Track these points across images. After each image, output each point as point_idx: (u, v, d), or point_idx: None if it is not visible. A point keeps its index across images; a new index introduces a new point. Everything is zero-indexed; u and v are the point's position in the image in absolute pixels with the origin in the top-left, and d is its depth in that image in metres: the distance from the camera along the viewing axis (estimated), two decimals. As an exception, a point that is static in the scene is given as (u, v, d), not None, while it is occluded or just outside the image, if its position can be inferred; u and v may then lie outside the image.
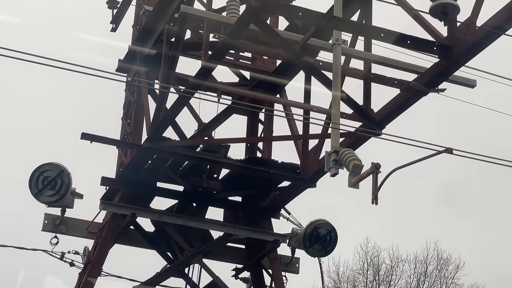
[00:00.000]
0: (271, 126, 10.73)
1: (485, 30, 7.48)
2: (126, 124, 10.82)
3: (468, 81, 8.66)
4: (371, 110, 8.89)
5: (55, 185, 9.53)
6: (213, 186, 10.39)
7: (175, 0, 9.38)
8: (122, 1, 11.80)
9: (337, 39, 8.16)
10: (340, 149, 7.51)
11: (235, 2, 8.78)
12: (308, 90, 9.64)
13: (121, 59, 10.85)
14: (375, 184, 7.01)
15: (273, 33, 8.12)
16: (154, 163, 10.03)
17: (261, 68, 10.68)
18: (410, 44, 8.05)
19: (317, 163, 9.61)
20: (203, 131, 10.14)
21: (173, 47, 9.19)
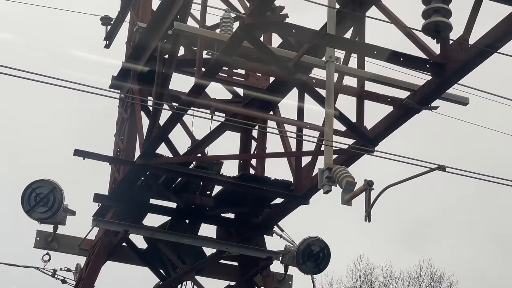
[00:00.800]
0: (264, 143, 10.73)
1: (477, 48, 7.51)
2: (119, 140, 10.80)
3: (460, 99, 8.68)
4: (364, 127, 8.90)
5: (48, 202, 9.49)
6: (206, 203, 10.37)
7: (169, 17, 9.41)
8: (115, 17, 11.82)
9: (330, 56, 8.18)
10: (333, 166, 7.51)
11: (228, 19, 8.81)
12: (301, 107, 9.65)
13: (114, 76, 10.85)
14: (368, 201, 7.01)
15: (267, 50, 8.14)
16: (147, 179, 10.01)
17: (255, 85, 10.70)
18: (403, 61, 8.08)
19: (310, 180, 9.60)
20: (196, 148, 10.13)
21: (167, 64, 9.20)
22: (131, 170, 9.78)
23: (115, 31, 11.93)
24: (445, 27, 6.82)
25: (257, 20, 7.55)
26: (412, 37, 8.35)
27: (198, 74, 8.49)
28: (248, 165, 10.82)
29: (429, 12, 6.81)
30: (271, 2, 7.55)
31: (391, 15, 8.77)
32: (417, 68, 8.13)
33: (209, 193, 10.42)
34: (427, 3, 6.83)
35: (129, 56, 10.53)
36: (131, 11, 11.38)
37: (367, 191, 7.03)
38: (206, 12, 8.93)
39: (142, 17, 10.72)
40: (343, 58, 8.90)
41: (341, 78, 8.95)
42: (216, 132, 9.88)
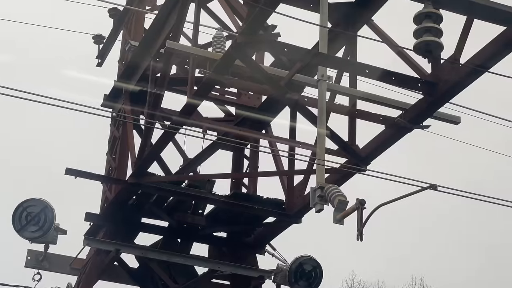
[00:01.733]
0: (256, 162, 10.73)
1: (468, 67, 7.55)
2: (111, 159, 10.78)
3: (452, 118, 8.70)
4: (356, 146, 8.90)
5: (39, 221, 9.46)
6: (198, 221, 10.35)
7: (161, 35, 9.43)
8: (108, 36, 11.84)
9: (322, 75, 8.18)
10: (325, 185, 7.49)
11: (221, 38, 8.82)
12: (294, 126, 9.66)
13: (106, 94, 10.85)
14: (360, 220, 7.00)
15: (259, 69, 8.15)
16: (139, 198, 9.98)
17: (247, 103, 10.71)
18: (394, 80, 8.10)
19: (302, 199, 9.60)
20: (188, 166, 10.12)
21: (159, 83, 9.21)
22: (123, 189, 9.75)
23: (108, 49, 11.95)
24: (436, 47, 6.84)
25: (249, 38, 7.56)
26: (404, 56, 8.38)
27: (190, 93, 8.49)
28: (240, 184, 10.81)
29: (420, 31, 6.84)
30: (263, 21, 7.57)
31: (383, 34, 8.81)
32: (409, 87, 8.16)
33: (201, 212, 10.40)
34: (418, 23, 6.86)
35: (121, 75, 10.54)
36: (124, 29, 11.40)
37: (359, 210, 7.02)
38: (199, 31, 8.95)
39: (135, 36, 10.74)
40: (335, 76, 8.93)
41: (333, 96, 8.97)
42: (208, 150, 9.88)
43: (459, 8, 7.06)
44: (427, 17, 6.82)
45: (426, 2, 6.83)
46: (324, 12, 8.07)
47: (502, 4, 6.98)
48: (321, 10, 8.09)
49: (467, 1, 6.95)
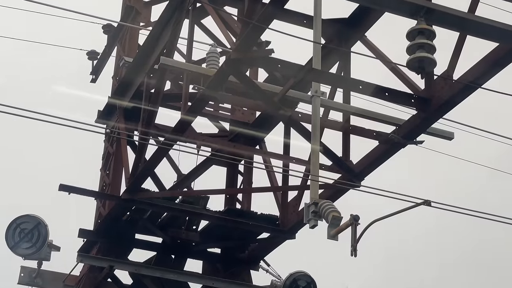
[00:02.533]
0: (250, 178, 10.72)
1: (461, 83, 7.58)
2: (105, 175, 10.77)
3: (445, 133, 8.73)
4: (350, 162, 8.92)
5: (32, 238, 9.42)
6: (192, 237, 10.32)
7: (155, 51, 9.44)
8: (102, 52, 11.85)
9: (316, 91, 8.21)
10: (319, 200, 7.50)
11: (215, 54, 8.84)
12: (287, 142, 9.67)
13: (100, 110, 10.85)
14: (354, 236, 6.99)
15: (252, 85, 8.17)
16: (133, 214, 9.96)
17: (241, 119, 10.71)
18: (388, 96, 8.12)
19: (297, 214, 9.59)
20: (182, 182, 10.11)
21: (152, 99, 9.21)
22: (117, 205, 9.73)
23: (102, 65, 11.95)
24: (430, 63, 6.86)
25: (243, 55, 7.58)
26: (397, 72, 8.42)
27: (184, 110, 8.50)
28: (234, 200, 10.80)
29: (413, 47, 6.86)
30: (257, 37, 7.60)
31: (376, 50, 8.85)
32: (402, 103, 8.18)
33: (195, 228, 10.37)
34: (412, 39, 6.88)
35: (114, 91, 10.54)
36: (118, 45, 11.42)
37: (353, 226, 7.02)
38: (193, 47, 8.97)
39: (129, 52, 10.76)
40: (329, 92, 8.95)
41: (327, 112, 8.99)
42: (202, 166, 9.87)
43: (451, 25, 7.09)
44: (420, 33, 6.84)
45: (419, 19, 6.86)
46: (317, 28, 8.10)
47: (494, 21, 7.01)
48: (315, 27, 8.13)
49: (459, 17, 6.99)
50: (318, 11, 8.18)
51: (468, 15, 7.15)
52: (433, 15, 6.91)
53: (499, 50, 7.37)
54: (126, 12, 10.99)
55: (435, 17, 6.94)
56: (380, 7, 7.50)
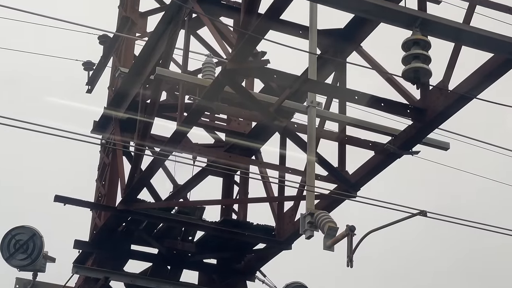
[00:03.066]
0: (246, 188, 10.70)
1: (457, 94, 7.59)
2: (100, 186, 10.75)
3: (441, 144, 8.73)
4: (346, 172, 8.91)
5: (27, 249, 9.40)
6: (188, 248, 10.30)
7: (151, 62, 9.45)
8: (98, 63, 11.85)
9: (312, 101, 8.22)
10: (315, 211, 7.49)
11: (210, 64, 8.84)
12: (283, 152, 9.67)
13: (96, 121, 10.84)
14: (350, 246, 6.98)
15: (248, 95, 8.17)
16: (129, 225, 9.93)
17: (237, 129, 10.71)
18: (383, 106, 8.13)
19: (293, 225, 9.57)
20: (178, 193, 10.09)
21: (148, 110, 9.21)
22: (112, 216, 9.71)
23: (98, 76, 11.96)
24: (425, 73, 6.87)
25: (239, 65, 7.59)
26: (393, 83, 8.43)
27: (179, 120, 8.49)
28: (231, 210, 10.78)
29: (408, 58, 6.87)
30: (252, 47, 7.60)
31: (372, 60, 8.87)
32: (398, 114, 8.19)
33: (191, 238, 10.35)
34: (407, 49, 6.89)
35: (110, 102, 10.54)
36: (114, 56, 11.42)
37: (349, 237, 7.01)
38: (188, 57, 8.97)
39: (125, 62, 10.76)
40: (325, 103, 8.95)
41: (322, 123, 8.99)
42: (198, 177, 9.85)
43: (446, 35, 7.10)
44: (415, 44, 6.86)
45: (414, 29, 6.88)
46: (313, 38, 8.11)
47: (489, 31, 7.03)
48: (310, 37, 8.14)
49: (454, 28, 7.00)
50: (313, 21, 8.19)
51: (463, 25, 7.16)
52: (428, 25, 6.93)
53: (494, 61, 7.39)
54: (122, 23, 11.00)
55: (430, 27, 6.95)
56: (375, 17, 7.51)
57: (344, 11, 7.08)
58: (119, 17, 11.52)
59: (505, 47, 7.08)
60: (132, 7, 11.07)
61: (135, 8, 11.10)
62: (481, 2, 7.46)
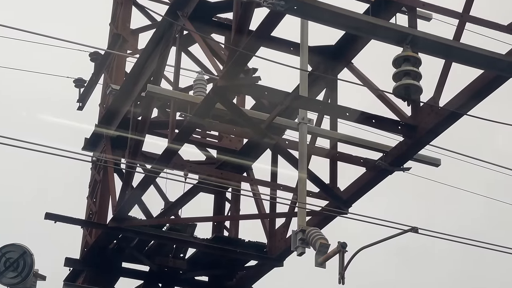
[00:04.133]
0: (238, 205, 10.69)
1: (447, 110, 7.61)
2: (91, 203, 10.71)
3: (432, 160, 8.75)
4: (337, 189, 8.91)
5: (18, 267, 9.33)
6: (179, 265, 10.25)
7: (142, 79, 9.45)
8: (89, 80, 11.84)
9: (303, 118, 8.23)
10: (306, 228, 7.49)
11: (202, 81, 8.85)
12: (275, 169, 9.66)
13: (87, 138, 10.82)
14: (341, 263, 6.98)
15: (239, 112, 8.17)
16: (120, 243, 9.89)
17: (228, 146, 10.70)
18: (375, 123, 8.15)
19: (284, 242, 9.55)
20: (170, 210, 10.06)
21: (139, 128, 9.20)
22: (103, 233, 9.67)
23: (89, 93, 11.94)
24: (415, 90, 6.90)
25: (230, 82, 7.60)
26: (384, 99, 8.45)
27: (171, 138, 8.48)
28: (222, 227, 10.76)
29: (399, 74, 6.89)
30: (243, 64, 7.61)
31: (363, 77, 8.90)
32: (389, 130, 8.21)
33: (183, 255, 10.31)
34: (398, 66, 6.92)
35: (101, 119, 10.52)
36: (105, 73, 11.42)
37: (340, 253, 7.01)
38: (180, 74, 8.98)
39: (116, 80, 10.76)
40: (316, 119, 8.96)
41: (314, 139, 9.00)
42: (190, 194, 9.84)
43: (437, 52, 7.13)
44: (406, 60, 6.89)
45: (405, 46, 6.91)
46: (304, 55, 8.14)
47: (479, 48, 7.07)
48: (301, 54, 8.17)
49: (444, 45, 7.03)
50: (304, 38, 8.23)
51: (453, 42, 7.20)
52: (419, 42, 6.96)
53: (484, 77, 7.42)
54: (113, 40, 11.01)
55: (421, 44, 6.98)
56: (366, 34, 7.55)
57: (335, 28, 7.11)
58: (110, 34, 11.53)
59: (495, 64, 7.11)
60: (123, 24, 11.09)
61: (127, 25, 11.12)
62: (471, 19, 7.51)
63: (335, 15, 6.73)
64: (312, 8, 6.66)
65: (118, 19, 11.25)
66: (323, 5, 6.68)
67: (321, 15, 6.73)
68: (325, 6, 6.69)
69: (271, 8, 6.52)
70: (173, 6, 8.97)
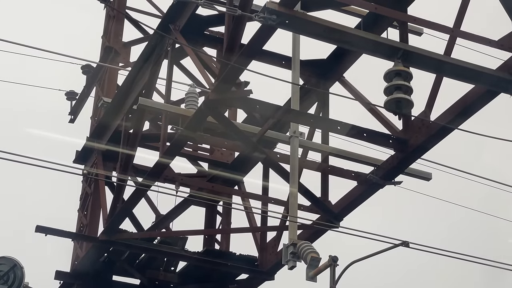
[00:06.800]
0: (229, 218, 10.67)
1: (439, 124, 7.63)
2: (82, 216, 10.68)
3: (423, 174, 8.77)
4: (328, 202, 8.91)
5: (8, 280, 9.29)
6: (170, 279, 10.23)
7: (134, 92, 9.45)
8: (80, 92, 11.84)
9: (295, 132, 8.24)
10: (297, 241, 7.49)
11: (193, 94, 8.86)
12: (266, 182, 9.66)
13: (79, 151, 10.81)
14: (332, 277, 6.98)
15: (231, 126, 8.18)
16: (110, 256, 9.86)
17: (220, 159, 10.70)
18: (366, 137, 8.17)
19: (275, 255, 9.54)
20: (161, 223, 10.04)
21: (131, 141, 9.19)
22: (94, 246, 9.64)
23: (80, 106, 11.93)
24: (407, 104, 6.93)
25: (222, 95, 7.60)
26: (375, 113, 8.47)
27: (162, 151, 8.48)
28: (213, 240, 10.74)
29: (390, 89, 6.92)
30: (235, 78, 7.63)
31: (354, 91, 8.92)
32: (380, 144, 8.23)
33: (173, 269, 10.29)
34: (389, 80, 6.95)
35: (92, 133, 10.51)
36: (96, 86, 11.42)
37: (331, 267, 7.01)
38: (171, 87, 8.99)
39: (107, 92, 10.75)
40: (307, 133, 8.97)
41: (305, 153, 9.01)
42: (181, 207, 9.83)
43: (428, 67, 7.17)
44: (397, 75, 6.92)
45: (396, 60, 6.94)
46: (296, 69, 8.16)
47: (470, 63, 7.10)
48: (293, 68, 8.19)
49: (435, 59, 7.07)
50: (296, 52, 8.25)
51: (444, 57, 7.23)
52: (410, 57, 7.00)
53: (474, 92, 7.45)
54: (105, 53, 11.02)
55: (412, 59, 7.02)
56: (357, 49, 7.58)
57: (327, 42, 7.13)
58: (102, 47, 11.53)
59: (486, 79, 7.15)
60: (115, 37, 11.10)
61: (119, 38, 11.13)
62: (462, 34, 7.54)
63: (326, 29, 6.76)
64: (304, 23, 6.69)
65: (110, 32, 11.26)
66: (314, 19, 6.71)
67: (312, 29, 6.76)
68: (317, 20, 6.71)
69: (262, 22, 6.55)
70: (165, 20, 8.99)
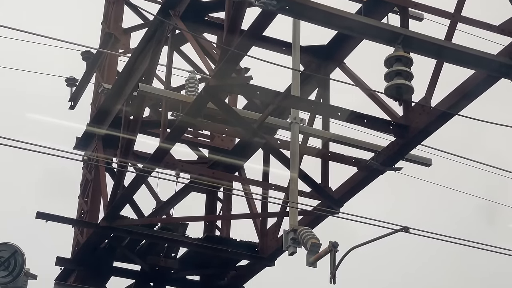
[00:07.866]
0: (229, 204, 10.68)
1: (439, 110, 7.63)
2: (83, 202, 10.69)
3: (424, 160, 8.76)
4: (329, 188, 8.92)
5: (8, 266, 9.30)
6: (170, 265, 10.25)
7: (134, 78, 9.44)
8: (81, 79, 11.82)
9: (295, 118, 8.24)
10: (298, 227, 7.50)
11: (194, 80, 8.84)
12: (267, 168, 9.67)
13: (79, 137, 10.80)
14: (333, 263, 6.99)
15: (231, 112, 8.17)
16: (111, 242, 9.88)
17: (220, 145, 10.69)
18: (366, 123, 8.16)
19: (276, 241, 9.56)
20: (161, 209, 10.06)
21: (131, 127, 9.19)
22: (95, 232, 9.65)
23: (80, 92, 11.91)
24: (407, 90, 6.91)
25: (222, 82, 7.59)
26: (376, 99, 8.46)
27: (162, 137, 8.48)
28: (214, 227, 10.75)
29: (391, 74, 6.91)
30: (235, 64, 7.61)
31: (355, 77, 8.91)
32: (381, 130, 8.22)
33: (174, 255, 10.30)
34: (389, 66, 6.94)
35: (93, 119, 10.50)
36: (97, 72, 11.39)
37: (332, 253, 7.02)
38: (172, 74, 8.97)
39: (108, 79, 10.73)
40: (308, 119, 8.97)
41: (306, 139, 9.00)
42: (181, 193, 9.83)
43: (428, 52, 7.15)
44: (397, 60, 6.91)
45: (397, 46, 6.92)
46: (296, 55, 8.15)
47: (470, 48, 7.09)
48: (293, 54, 8.17)
49: (436, 45, 7.05)
50: (296, 38, 8.23)
51: (444, 42, 7.22)
52: (411, 42, 6.98)
53: (475, 78, 7.44)
54: (105, 39, 10.99)
55: (413, 44, 7.00)
56: (358, 34, 7.56)
57: (327, 27, 7.12)
58: (102, 33, 11.51)
59: (486, 64, 7.13)
60: (115, 23, 11.07)
61: (119, 24, 11.09)
62: (463, 20, 7.52)
63: (327, 14, 6.74)
64: (304, 8, 6.67)
65: (110, 18, 11.23)
66: (315, 5, 6.69)
67: (313, 14, 6.75)
68: (317, 5, 6.70)
69: (263, 7, 6.53)
70: (165, 5, 8.96)
